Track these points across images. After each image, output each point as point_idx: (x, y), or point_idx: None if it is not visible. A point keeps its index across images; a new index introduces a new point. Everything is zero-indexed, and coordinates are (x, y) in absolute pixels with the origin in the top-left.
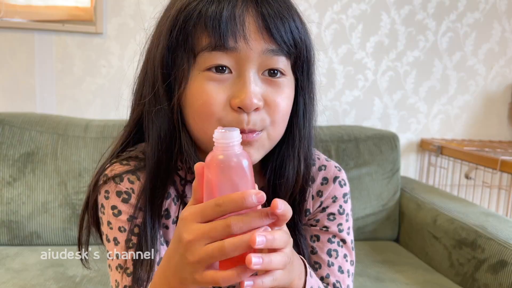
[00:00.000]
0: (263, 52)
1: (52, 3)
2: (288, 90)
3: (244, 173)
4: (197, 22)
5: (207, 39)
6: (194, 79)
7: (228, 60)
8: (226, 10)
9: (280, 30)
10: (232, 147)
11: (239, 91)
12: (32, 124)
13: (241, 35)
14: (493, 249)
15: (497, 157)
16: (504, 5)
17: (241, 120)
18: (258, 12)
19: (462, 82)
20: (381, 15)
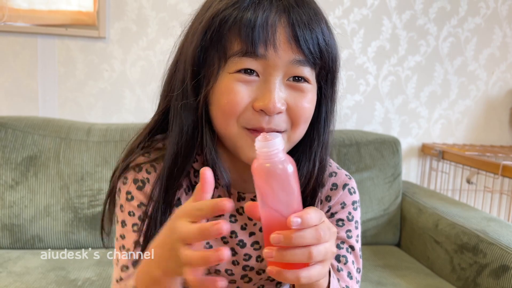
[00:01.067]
0: (290, 62)
1: (55, 7)
2: (311, 95)
3: (290, 178)
4: (232, 28)
5: (239, 45)
6: (223, 79)
7: (256, 65)
8: (259, 19)
9: (308, 42)
10: (276, 154)
11: (263, 96)
12: (35, 127)
13: (271, 44)
14: (495, 254)
15: (498, 162)
16: (505, 10)
17: (261, 121)
18: (289, 23)
19: (463, 87)
20: (383, 20)
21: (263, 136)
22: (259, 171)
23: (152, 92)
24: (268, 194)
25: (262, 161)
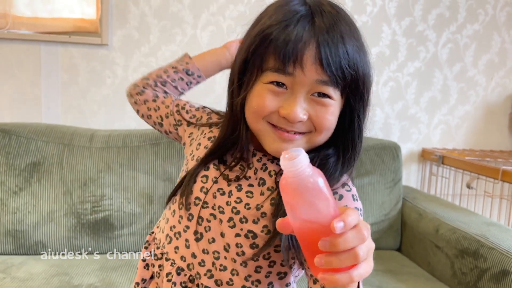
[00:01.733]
0: (315, 81)
1: (58, 15)
2: (333, 108)
3: (322, 191)
4: (269, 46)
5: (273, 62)
6: (257, 86)
7: (286, 80)
8: (292, 42)
9: (331, 66)
10: (303, 170)
11: (288, 105)
12: (38, 134)
13: (298, 64)
14: (495, 258)
15: (498, 167)
16: (503, 17)
17: (285, 124)
18: (317, 47)
19: (462, 93)
20: (382, 26)
21: (287, 154)
22: (289, 188)
23: None
24: (301, 208)
25: (291, 180)
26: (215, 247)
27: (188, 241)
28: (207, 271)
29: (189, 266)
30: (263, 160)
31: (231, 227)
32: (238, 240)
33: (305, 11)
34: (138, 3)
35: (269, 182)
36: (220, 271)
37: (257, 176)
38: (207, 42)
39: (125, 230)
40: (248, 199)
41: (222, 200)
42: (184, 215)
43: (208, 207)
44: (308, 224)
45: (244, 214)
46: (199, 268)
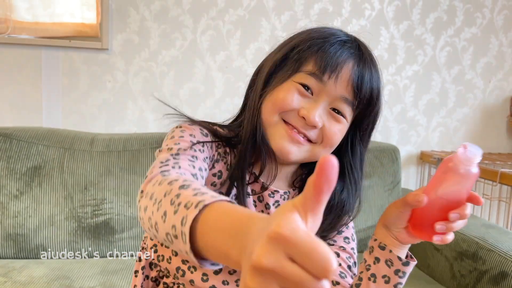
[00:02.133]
0: (340, 96)
1: (58, 20)
2: (342, 126)
3: (472, 184)
4: (315, 52)
5: (312, 66)
6: (288, 82)
7: (316, 86)
8: (338, 54)
9: (360, 89)
10: (475, 166)
11: (309, 107)
12: (39, 138)
13: (334, 76)
14: (494, 260)
15: (496, 170)
16: (500, 20)
17: (299, 123)
18: (355, 69)
19: (460, 95)
20: (381, 30)
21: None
22: (456, 171)
23: (154, 102)
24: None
25: (464, 166)
26: (237, 276)
27: (206, 275)
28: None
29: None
30: (276, 197)
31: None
32: None
33: (351, 38)
34: (138, 8)
35: None
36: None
37: (270, 212)
38: (207, 46)
39: (126, 233)
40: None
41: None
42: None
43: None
44: (441, 200)
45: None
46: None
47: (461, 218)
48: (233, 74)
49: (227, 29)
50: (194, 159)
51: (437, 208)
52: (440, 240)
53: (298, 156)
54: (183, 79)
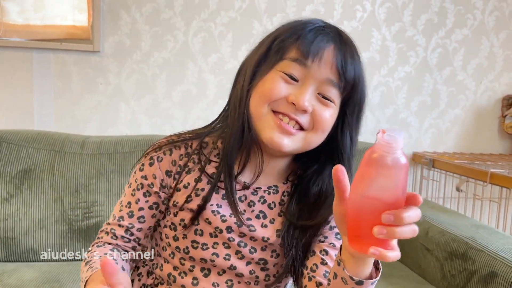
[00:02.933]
0: (326, 79)
1: (50, 22)
2: (332, 110)
3: (405, 174)
4: (296, 39)
5: (294, 53)
6: (272, 72)
7: (300, 72)
8: (317, 40)
9: (344, 70)
10: (398, 150)
11: (297, 93)
12: (29, 141)
13: (317, 59)
14: (484, 260)
15: (486, 170)
16: (492, 21)
17: (289, 109)
18: (336, 50)
19: (452, 97)
20: (372, 32)
21: (389, 131)
22: (378, 162)
23: (146, 104)
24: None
25: (384, 154)
26: (226, 277)
27: (196, 279)
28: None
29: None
30: (260, 193)
31: (240, 259)
32: (250, 268)
33: (329, 25)
34: (129, 10)
35: (271, 214)
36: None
37: (254, 209)
38: (198, 48)
39: None
40: (252, 233)
41: (224, 237)
42: (187, 260)
43: (208, 248)
44: (375, 201)
45: (252, 245)
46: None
47: (398, 222)
48: (226, 76)
49: (219, 31)
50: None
51: (370, 211)
52: (377, 255)
53: (292, 146)
54: (175, 81)
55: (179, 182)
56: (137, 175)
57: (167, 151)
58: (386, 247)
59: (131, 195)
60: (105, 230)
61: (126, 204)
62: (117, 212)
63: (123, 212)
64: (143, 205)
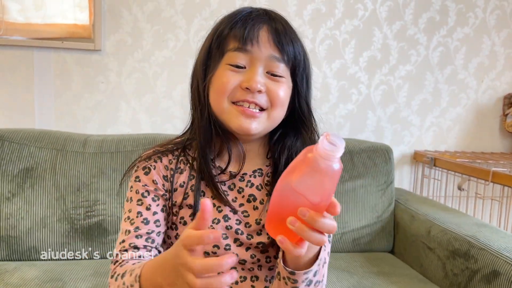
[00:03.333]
0: (269, 57)
1: (51, 21)
2: (285, 85)
3: (334, 183)
4: (229, 33)
5: (233, 44)
6: (220, 67)
7: (245, 59)
8: (248, 26)
9: (282, 43)
10: (335, 161)
11: (248, 77)
12: (31, 140)
13: (255, 42)
14: (486, 259)
15: (488, 169)
16: (493, 20)
17: (246, 95)
18: (269, 29)
19: (453, 95)
20: (374, 30)
21: (332, 136)
22: (314, 164)
23: (147, 103)
24: (307, 181)
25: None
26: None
27: None
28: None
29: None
30: (246, 178)
31: (239, 246)
32: (250, 253)
33: (257, 8)
34: (130, 9)
35: (260, 196)
36: (241, 283)
37: (244, 194)
38: (200, 47)
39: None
40: (246, 218)
41: (222, 226)
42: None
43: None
44: (299, 196)
45: (248, 232)
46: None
47: (310, 222)
48: None
49: None
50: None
51: (291, 202)
52: (282, 244)
53: (259, 128)
54: (177, 80)
55: (175, 183)
56: (137, 187)
57: (157, 159)
58: (293, 240)
59: (139, 205)
60: (121, 249)
61: (137, 215)
62: (128, 227)
63: (136, 223)
64: (156, 209)
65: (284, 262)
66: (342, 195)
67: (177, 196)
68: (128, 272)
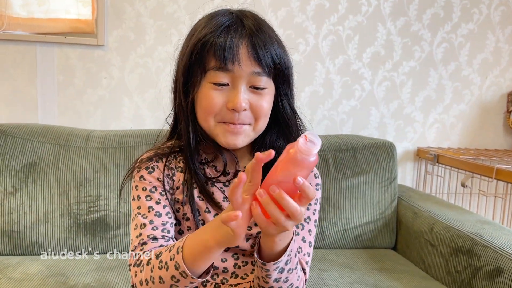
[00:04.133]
0: (251, 73)
1: (54, 16)
2: (268, 96)
3: (308, 172)
4: (209, 50)
5: (214, 62)
6: (203, 86)
7: (226, 77)
8: (228, 43)
9: (262, 58)
10: (313, 155)
11: (233, 98)
12: (34, 135)
13: (236, 61)
14: (489, 256)
15: (492, 166)
16: (497, 16)
17: (233, 117)
18: (249, 45)
19: (457, 92)
20: (377, 26)
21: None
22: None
23: (150, 98)
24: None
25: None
26: (232, 252)
27: None
28: (232, 273)
29: (213, 277)
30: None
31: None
32: (250, 242)
33: (234, 19)
34: (133, 4)
35: None
36: (244, 267)
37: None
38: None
39: (121, 230)
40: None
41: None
42: None
43: None
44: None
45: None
46: (224, 275)
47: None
48: None
49: None
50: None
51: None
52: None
53: (246, 141)
54: None
55: (177, 181)
56: (143, 185)
57: (158, 160)
58: (264, 213)
59: (148, 201)
60: (140, 242)
61: (148, 211)
62: (142, 221)
63: (149, 217)
64: (165, 203)
65: (259, 251)
66: (345, 191)
67: (179, 194)
68: (166, 250)
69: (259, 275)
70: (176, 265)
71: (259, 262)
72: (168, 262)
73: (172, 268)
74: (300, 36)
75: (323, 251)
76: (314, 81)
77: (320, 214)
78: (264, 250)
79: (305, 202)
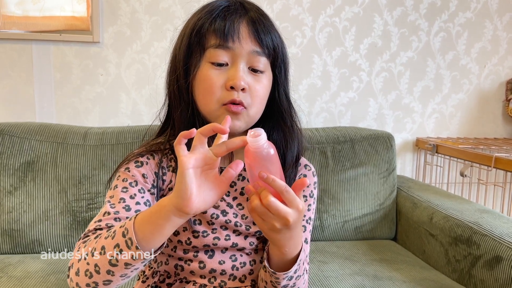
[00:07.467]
0: (251, 52)
1: (49, 13)
2: (265, 81)
3: (272, 159)
4: (209, 28)
5: (214, 40)
6: (202, 67)
7: (226, 56)
8: (228, 21)
9: (263, 37)
10: (262, 145)
11: (232, 76)
12: (32, 133)
13: (236, 38)
14: (488, 245)
15: (491, 154)
16: (495, 4)
17: (232, 95)
18: (249, 24)
19: (455, 81)
20: (374, 17)
21: (252, 131)
22: (250, 156)
23: (147, 94)
24: (257, 169)
25: (253, 150)
26: (229, 253)
27: (202, 262)
28: (230, 275)
29: (210, 280)
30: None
31: (238, 235)
32: (249, 240)
33: (234, 1)
34: (128, 0)
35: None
36: (241, 269)
37: (236, 188)
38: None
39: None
40: (241, 210)
41: (221, 221)
42: (190, 249)
43: (209, 234)
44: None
45: (246, 223)
46: (222, 277)
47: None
48: None
49: None
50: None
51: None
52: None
53: (242, 126)
54: None
55: (170, 182)
56: (125, 176)
57: (150, 156)
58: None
59: (123, 192)
60: (96, 227)
61: (119, 201)
62: (108, 210)
63: (117, 208)
64: (139, 200)
65: (269, 260)
66: (344, 183)
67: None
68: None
69: (267, 279)
70: (124, 231)
71: (270, 270)
72: (117, 230)
73: (119, 235)
74: (296, 29)
75: (323, 243)
76: (312, 73)
77: (320, 206)
78: (273, 258)
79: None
